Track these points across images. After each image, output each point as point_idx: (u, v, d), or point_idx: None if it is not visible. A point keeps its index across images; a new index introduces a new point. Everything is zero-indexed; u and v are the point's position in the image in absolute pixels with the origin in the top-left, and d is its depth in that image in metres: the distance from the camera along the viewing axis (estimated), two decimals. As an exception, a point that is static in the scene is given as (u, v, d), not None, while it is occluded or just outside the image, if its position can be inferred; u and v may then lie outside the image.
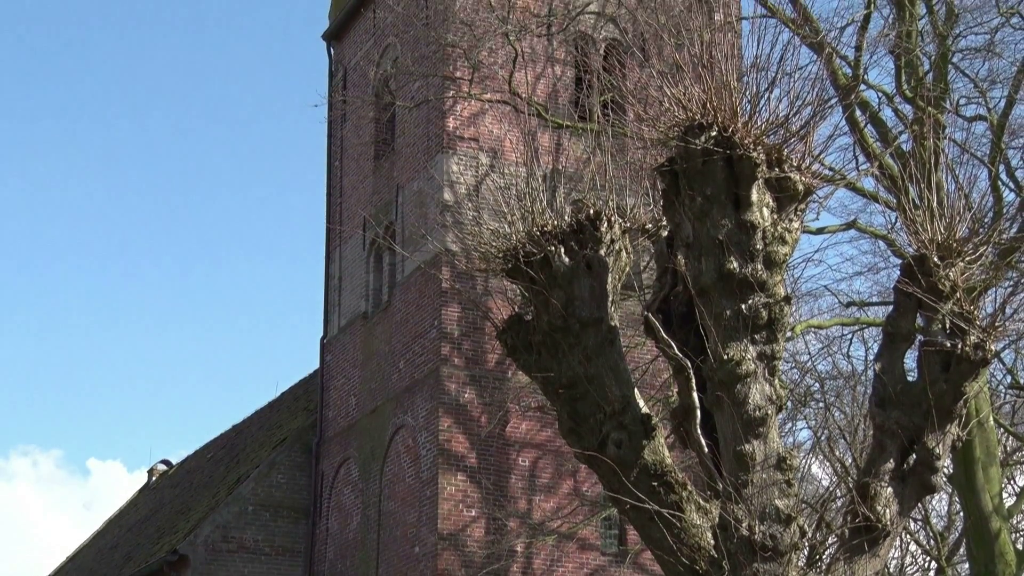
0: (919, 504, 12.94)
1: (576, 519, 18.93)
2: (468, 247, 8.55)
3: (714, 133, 7.85)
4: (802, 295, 18.01)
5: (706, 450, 8.00)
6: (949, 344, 8.28)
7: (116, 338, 57.88)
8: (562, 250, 8.06)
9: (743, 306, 7.91)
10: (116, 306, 57.52)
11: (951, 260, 8.30)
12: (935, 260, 8.27)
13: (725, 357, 7.87)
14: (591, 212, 8.17)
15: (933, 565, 23.81)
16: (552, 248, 8.04)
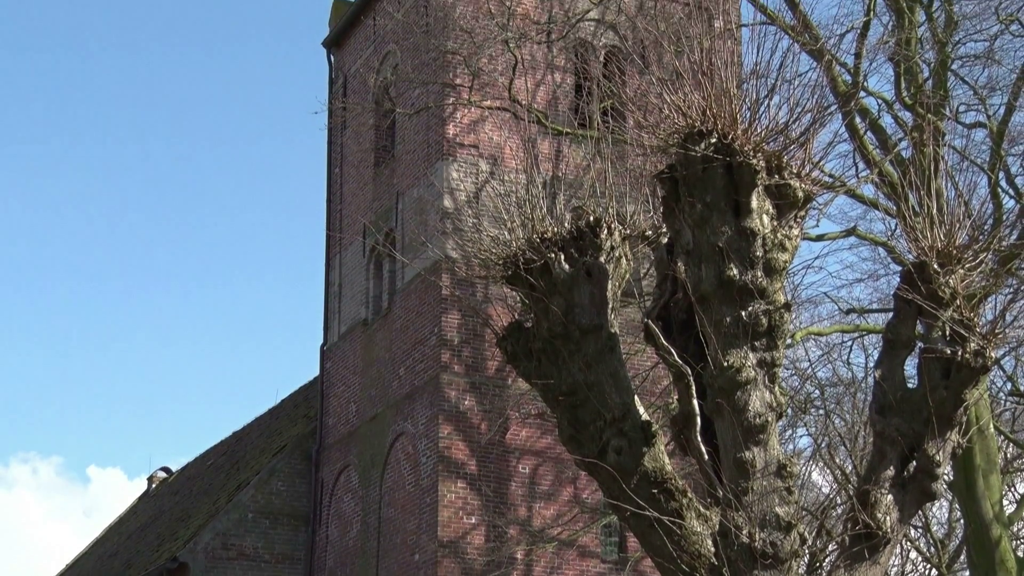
0: (919, 511, 12.92)
1: (576, 526, 18.91)
2: (468, 254, 8.56)
3: (714, 140, 7.85)
4: (802, 302, 18.02)
5: (706, 457, 7.99)
6: (949, 351, 8.28)
7: (116, 345, 57.93)
8: (562, 257, 8.06)
9: (743, 313, 7.91)
10: (116, 313, 57.57)
11: (951, 267, 8.30)
12: (935, 267, 8.27)
13: (725, 364, 7.87)
14: (591, 219, 8.17)
15: (934, 572, 23.77)
16: (552, 255, 8.04)
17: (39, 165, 57.05)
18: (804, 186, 8.11)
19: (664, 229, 8.47)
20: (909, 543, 23.45)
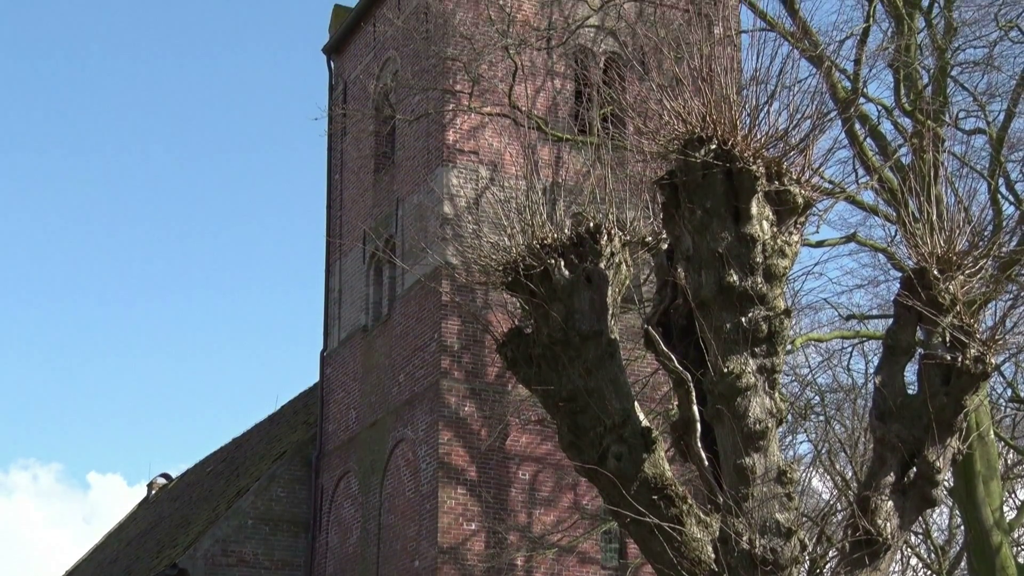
0: (920, 518, 12.91)
1: (576, 533, 18.90)
2: (468, 260, 8.56)
3: (714, 146, 7.86)
4: (802, 308, 18.01)
5: (706, 463, 7.99)
6: (949, 357, 8.28)
7: (116, 351, 57.92)
8: (562, 263, 8.06)
9: (743, 319, 7.91)
10: (116, 319, 57.57)
11: (951, 273, 8.30)
12: (935, 273, 8.28)
13: (725, 370, 7.87)
14: (591, 225, 8.18)
15: (934, 579, 23.75)
16: (552, 261, 8.04)
17: (40, 171, 57.12)
18: (804, 192, 8.11)
19: (664, 235, 8.47)
20: (910, 549, 23.44)
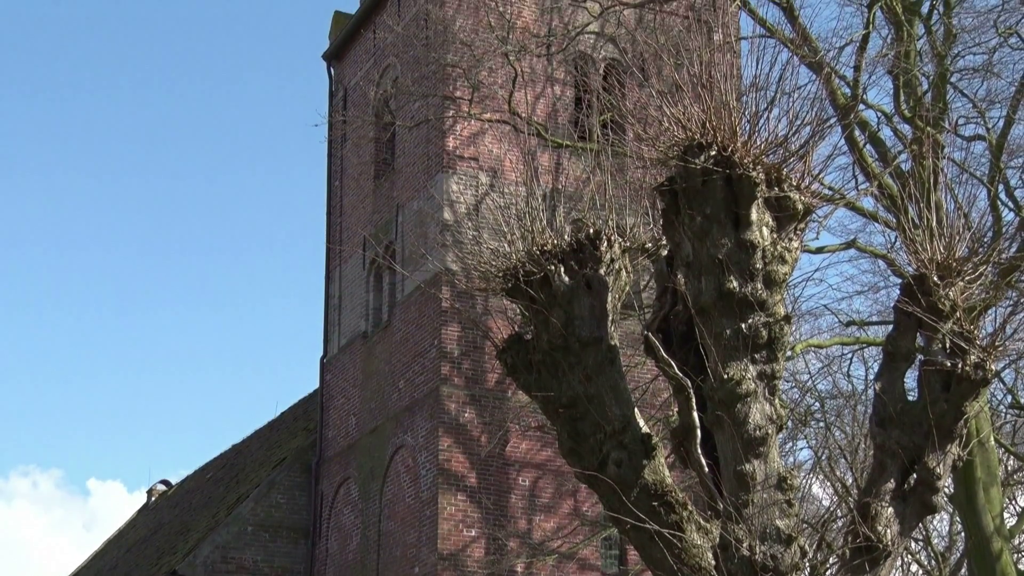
0: (920, 524, 12.91)
1: (576, 539, 18.89)
2: (468, 266, 8.57)
3: (713, 152, 7.86)
4: (802, 314, 18.01)
5: (706, 470, 7.98)
6: (949, 364, 8.27)
7: (116, 358, 57.89)
8: (562, 269, 8.06)
9: (743, 325, 7.91)
10: (116, 326, 57.56)
11: (951, 279, 8.29)
12: (935, 279, 8.27)
13: (725, 376, 7.86)
14: (591, 231, 8.17)
15: (934, 585, 23.72)
16: (552, 267, 8.04)
17: (42, 177, 57.14)
18: (804, 198, 8.11)
19: (664, 241, 8.47)
20: (910, 556, 23.40)
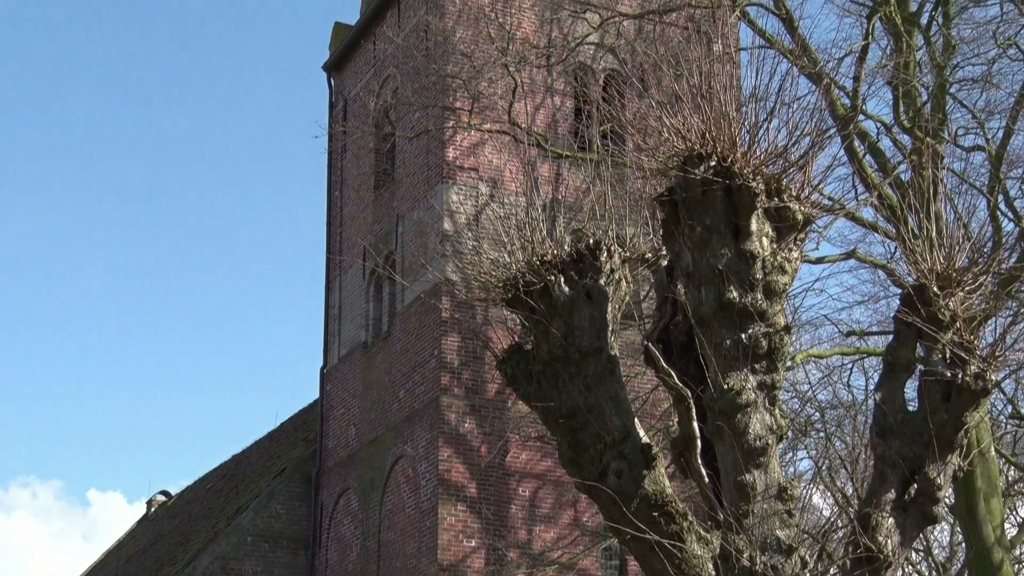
0: (921, 535, 12.87)
1: (576, 549, 18.86)
2: (468, 277, 8.56)
3: (713, 163, 7.87)
4: (802, 324, 18.01)
5: (707, 480, 7.97)
6: (949, 374, 8.27)
7: (115, 369, 57.87)
8: (562, 279, 8.06)
9: (743, 336, 7.91)
10: (115, 337, 57.54)
11: (951, 290, 8.29)
12: (935, 290, 8.27)
13: (725, 387, 7.86)
14: (591, 241, 8.18)
15: (935, 596, 23.66)
16: (552, 277, 8.04)
17: (43, 185, 57.18)
18: (803, 209, 8.12)
19: (664, 252, 8.47)
20: (911, 567, 23.35)
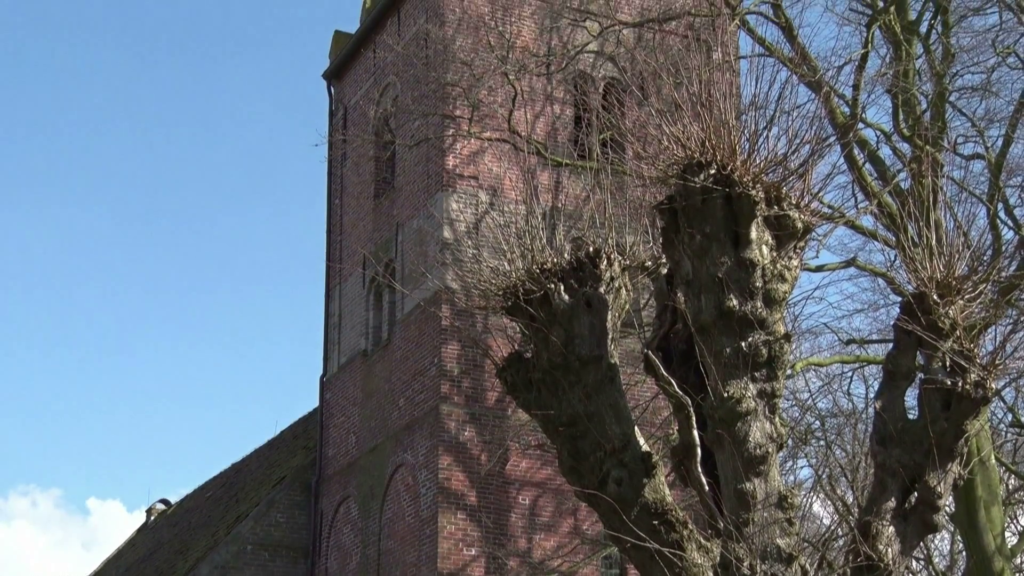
0: (921, 543, 12.86)
1: (576, 558, 18.83)
2: (468, 285, 8.57)
3: (713, 171, 7.87)
4: (802, 332, 18.01)
5: (707, 488, 7.96)
6: (950, 382, 8.27)
7: (115, 377, 57.86)
8: (562, 288, 8.06)
9: (743, 344, 7.91)
10: (115, 344, 57.53)
11: (951, 298, 8.30)
12: (935, 298, 8.27)
13: (725, 395, 7.85)
14: (591, 250, 8.18)
15: (936, 605, 23.62)
16: (552, 286, 8.05)
17: (43, 189, 57.22)
18: (803, 217, 8.12)
19: (664, 260, 8.48)
20: (911, 575, 23.32)
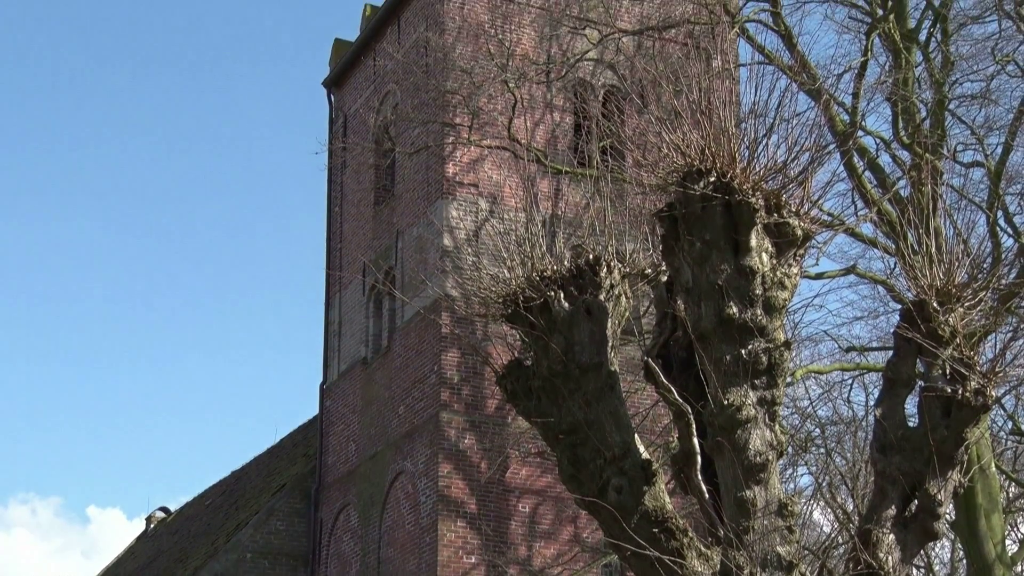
0: (921, 551, 12.85)
1: (577, 566, 18.81)
2: (468, 292, 8.58)
3: (713, 179, 7.87)
4: (802, 340, 18.01)
5: (707, 496, 7.96)
6: (950, 390, 8.26)
7: (115, 385, 57.84)
8: (561, 295, 8.06)
9: (743, 351, 7.90)
10: (114, 353, 57.52)
11: (950, 305, 8.30)
12: (934, 305, 8.27)
13: (725, 402, 7.85)
14: (590, 257, 8.18)
15: (936, 613, 23.59)
16: (552, 293, 8.05)
17: (44, 195, 57.25)
18: (803, 224, 8.12)
19: (663, 267, 8.48)
20: (911, 583, 23.27)
